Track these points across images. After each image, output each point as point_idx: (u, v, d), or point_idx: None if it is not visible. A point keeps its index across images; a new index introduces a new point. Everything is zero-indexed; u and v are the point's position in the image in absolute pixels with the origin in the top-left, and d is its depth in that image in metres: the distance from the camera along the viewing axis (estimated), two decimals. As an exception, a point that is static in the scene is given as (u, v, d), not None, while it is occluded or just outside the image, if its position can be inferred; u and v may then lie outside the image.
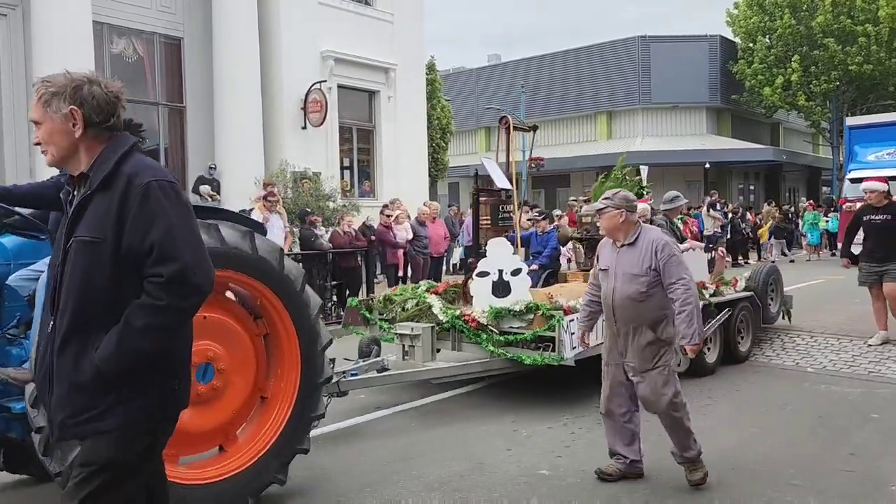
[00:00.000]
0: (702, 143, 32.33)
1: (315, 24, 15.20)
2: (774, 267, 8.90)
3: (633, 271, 4.23)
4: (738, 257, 19.83)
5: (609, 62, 33.87)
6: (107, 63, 12.91)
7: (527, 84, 32.88)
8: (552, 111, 35.69)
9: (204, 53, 14.02)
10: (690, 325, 4.10)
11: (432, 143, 22.36)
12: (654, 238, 4.27)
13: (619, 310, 4.29)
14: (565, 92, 34.99)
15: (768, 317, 8.45)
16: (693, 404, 6.05)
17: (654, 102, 33.33)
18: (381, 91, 17.02)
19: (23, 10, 11.78)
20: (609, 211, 4.32)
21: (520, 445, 5.16)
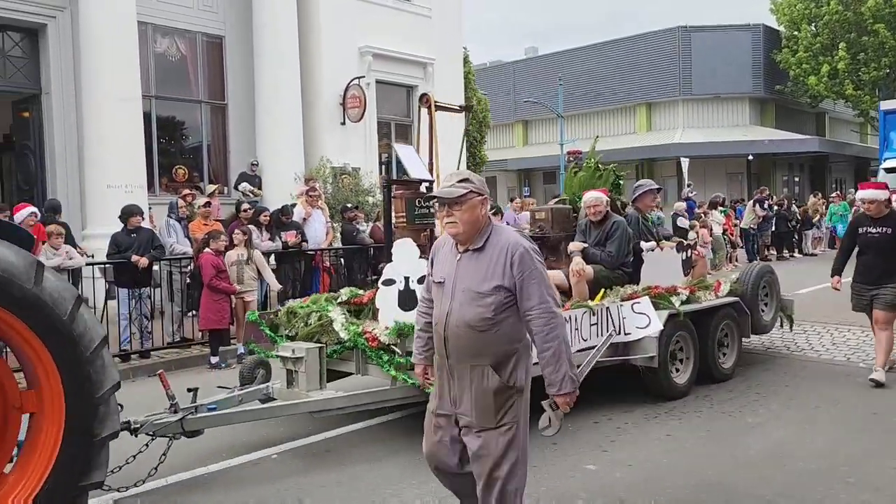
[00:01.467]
0: (744, 134, 31.69)
1: (353, 20, 15.27)
2: (768, 267, 7.62)
3: (478, 288, 2.98)
4: (783, 250, 19.41)
5: (649, 53, 33.39)
6: (151, 62, 13.16)
7: (564, 76, 32.60)
8: (590, 103, 35.35)
9: (245, 51, 14.19)
10: (558, 369, 2.94)
11: (469, 137, 22.30)
12: (510, 243, 2.99)
13: (454, 340, 3.02)
14: (604, 84, 34.60)
15: (760, 325, 7.23)
16: (742, 400, 5.99)
17: (696, 93, 32.77)
18: (418, 86, 17.00)
19: (71, 12, 12.06)
20: (471, 198, 3.00)
21: (565, 439, 5.12)
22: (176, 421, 4.44)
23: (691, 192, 18.82)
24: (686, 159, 23.24)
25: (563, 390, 2.98)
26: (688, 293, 6.37)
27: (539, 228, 7.07)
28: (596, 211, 6.41)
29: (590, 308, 5.61)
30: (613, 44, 34.84)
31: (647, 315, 5.80)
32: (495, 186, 36.84)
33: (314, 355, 5.19)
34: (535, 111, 35.07)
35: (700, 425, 5.42)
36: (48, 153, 12.31)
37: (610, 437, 5.19)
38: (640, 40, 33.94)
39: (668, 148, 30.56)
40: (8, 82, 12.35)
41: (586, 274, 6.14)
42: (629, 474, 4.49)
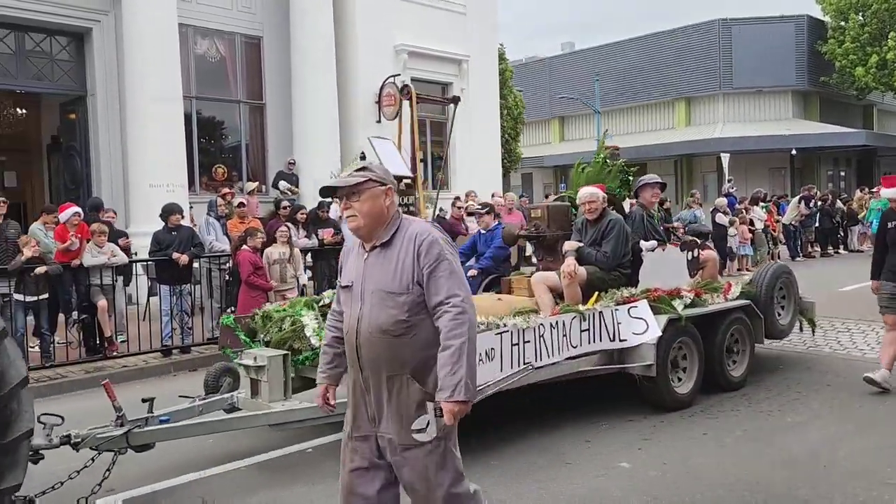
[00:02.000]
0: (787, 128, 30.98)
1: (389, 19, 15.35)
2: (784, 268, 7.08)
3: (388, 287, 2.65)
4: (827, 247, 18.95)
5: (688, 47, 32.85)
6: (191, 64, 13.43)
7: (601, 72, 32.29)
8: (628, 99, 34.93)
9: (282, 51, 14.38)
10: (454, 372, 2.52)
11: (505, 133, 22.26)
12: (418, 233, 2.68)
13: (367, 349, 2.67)
14: (642, 79, 34.15)
15: (776, 330, 6.74)
16: (781, 399, 5.88)
17: (736, 87, 32.14)
18: (453, 83, 17.04)
19: (115, 16, 12.37)
20: (370, 187, 2.69)
21: (599, 437, 5.10)
22: (120, 435, 4.15)
23: (731, 188, 18.49)
24: (727, 155, 22.86)
25: (455, 397, 2.51)
26: (692, 296, 5.93)
27: (535, 227, 6.67)
28: (591, 208, 6.04)
29: (580, 313, 5.27)
30: (651, 38, 34.37)
31: (645, 320, 5.43)
32: (531, 183, 36.67)
33: (277, 363, 4.85)
34: (572, 107, 34.78)
35: (737, 424, 5.34)
36: (93, 153, 12.66)
37: (644, 435, 5.15)
38: (678, 34, 33.41)
39: (708, 143, 30.06)
40: (55, 85, 12.74)
41: (578, 276, 5.77)
42: (664, 473, 4.44)
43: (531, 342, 4.89)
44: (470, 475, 4.41)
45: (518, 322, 4.86)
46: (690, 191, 21.04)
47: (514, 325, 4.82)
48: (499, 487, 4.27)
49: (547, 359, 5.02)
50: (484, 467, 4.58)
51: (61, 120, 13.66)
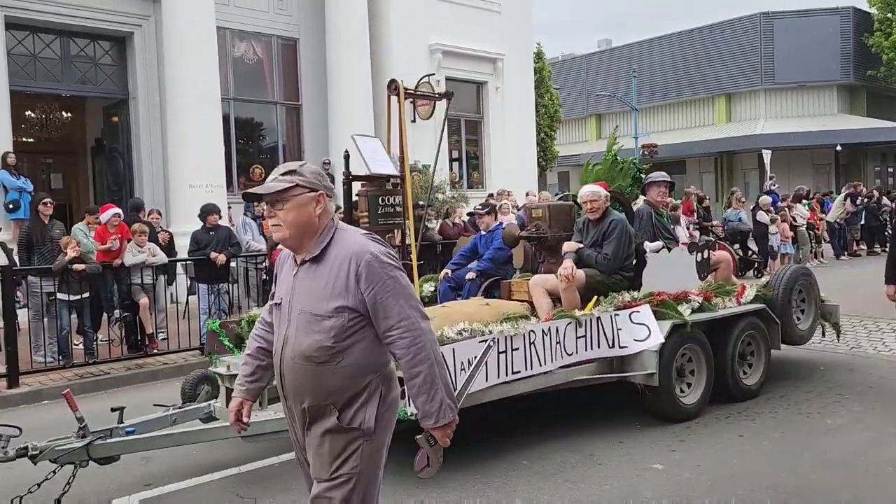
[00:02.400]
0: (832, 123, 30.21)
1: (423, 18, 15.40)
2: (803, 269, 6.72)
3: (315, 309, 2.35)
4: (873, 245, 18.42)
5: (728, 42, 32.25)
6: (230, 66, 13.65)
7: (639, 68, 31.88)
8: (666, 95, 34.45)
9: (318, 53, 14.53)
10: (433, 397, 2.33)
11: (541, 132, 22.15)
12: (354, 251, 2.34)
13: (290, 376, 2.42)
14: (681, 75, 33.65)
15: (794, 335, 6.36)
16: (822, 401, 5.74)
17: (779, 82, 31.44)
18: (488, 82, 17.03)
19: (155, 21, 12.64)
20: (297, 194, 2.38)
21: (632, 438, 5.04)
22: (80, 447, 3.96)
23: (773, 185, 18.10)
24: (768, 151, 22.38)
25: (442, 421, 2.35)
26: (701, 300, 5.59)
27: (535, 227, 6.33)
28: (592, 207, 5.76)
29: (575, 319, 4.98)
30: (690, 33, 33.83)
31: (647, 326, 5.16)
32: (568, 182, 36.41)
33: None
34: (609, 104, 34.44)
35: (775, 426, 5.23)
36: (135, 155, 12.95)
37: (679, 436, 5.07)
38: (718, 29, 32.82)
39: (750, 140, 29.49)
40: (99, 89, 13.08)
41: (577, 279, 5.48)
42: (698, 475, 4.37)
43: (520, 350, 4.64)
44: (498, 474, 4.45)
45: (505, 329, 4.60)
46: (731, 188, 20.67)
47: (501, 331, 4.57)
48: (528, 486, 4.25)
49: (539, 367, 4.75)
50: (513, 466, 4.57)
51: (105, 123, 14.02)
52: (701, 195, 15.96)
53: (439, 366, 2.37)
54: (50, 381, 7.40)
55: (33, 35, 12.10)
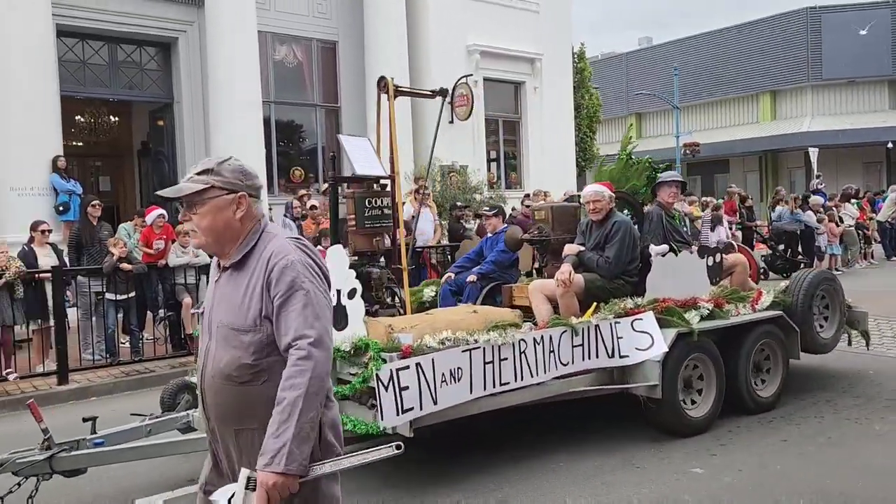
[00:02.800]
0: (883, 120, 29.30)
1: (461, 19, 15.42)
2: (826, 274, 6.32)
3: (233, 322, 2.10)
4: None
5: (773, 38, 31.54)
6: (270, 70, 13.85)
7: (681, 66, 31.37)
8: (709, 93, 33.85)
9: (356, 55, 14.66)
10: (279, 434, 1.94)
11: (580, 132, 21.98)
12: (272, 254, 2.09)
13: (211, 395, 2.16)
14: (723, 72, 33.02)
15: (816, 343, 5.96)
16: (870, 406, 5.60)
17: (826, 78, 30.62)
18: (526, 82, 16.97)
19: (199, 26, 12.90)
20: (213, 196, 2.12)
21: (671, 441, 4.96)
22: (42, 460, 3.78)
23: (820, 184, 17.66)
24: (815, 149, 21.83)
25: (273, 467, 1.90)
26: (711, 306, 5.29)
27: (538, 230, 6.04)
28: (595, 208, 5.49)
29: (571, 327, 4.73)
30: (734, 29, 33.19)
31: (650, 334, 4.88)
32: (608, 182, 36.03)
33: None
34: (650, 103, 33.97)
35: (820, 431, 5.10)
36: (179, 158, 13.24)
37: (720, 440, 4.98)
38: (763, 25, 32.13)
39: (796, 137, 28.80)
40: (145, 93, 13.41)
41: (575, 284, 5.21)
42: (739, 480, 4.29)
43: (509, 360, 4.41)
44: (534, 476, 4.43)
45: (493, 337, 4.38)
46: (775, 187, 20.23)
47: (488, 340, 4.36)
48: (564, 489, 4.23)
49: (530, 378, 4.51)
50: (549, 468, 4.55)
51: (150, 126, 14.37)
52: (744, 194, 15.66)
53: (308, 402, 1.95)
54: (97, 378, 7.62)
55: (83, 42, 12.46)
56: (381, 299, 5.43)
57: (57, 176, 10.67)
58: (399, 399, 3.96)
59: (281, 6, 13.93)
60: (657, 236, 5.78)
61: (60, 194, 10.66)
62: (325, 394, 2.05)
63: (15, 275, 7.44)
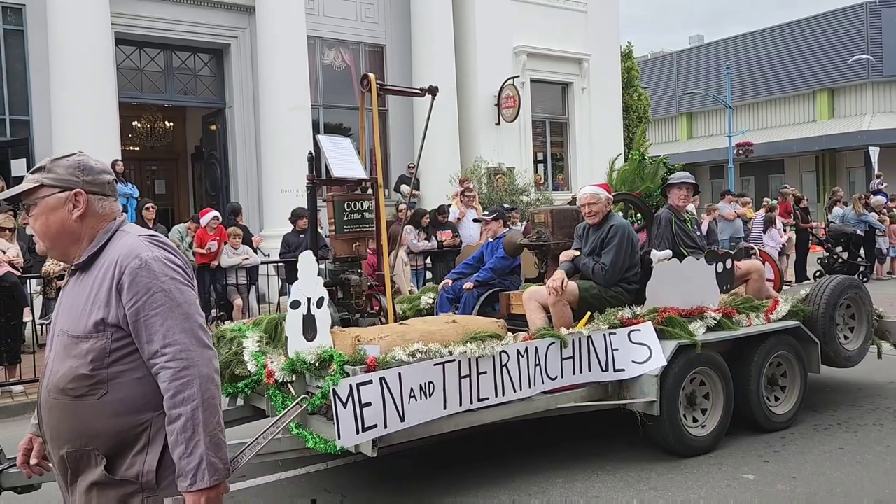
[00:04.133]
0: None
1: (508, 21, 15.39)
2: (851, 281, 5.80)
3: (73, 329, 1.89)
4: None
5: (831, 34, 30.60)
6: (319, 74, 14.06)
7: (733, 64, 30.70)
8: (762, 92, 33.02)
9: (403, 58, 14.77)
10: (192, 450, 1.80)
11: (628, 132, 21.70)
12: (122, 255, 1.88)
13: (46, 412, 1.94)
14: (778, 70, 32.17)
15: (839, 356, 5.52)
16: (930, 413, 5.36)
17: (888, 75, 29.54)
18: (574, 83, 16.84)
19: (250, 32, 13.18)
20: (45, 195, 1.93)
21: (721, 446, 4.86)
22: None
23: (881, 184, 17.05)
24: (875, 148, 21.13)
25: (200, 484, 1.78)
26: (719, 316, 4.93)
27: (537, 234, 5.77)
28: (590, 211, 5.18)
29: (559, 338, 4.43)
30: (789, 26, 32.32)
31: (649, 346, 4.56)
32: (657, 183, 35.48)
33: None
34: (701, 102, 33.33)
35: (879, 439, 4.92)
36: (231, 162, 13.54)
37: (773, 446, 4.86)
38: (820, 20, 31.21)
39: (855, 136, 27.88)
40: (198, 98, 13.76)
41: (568, 292, 4.88)
42: (793, 487, 4.17)
43: (488, 374, 4.13)
44: (581, 479, 4.39)
45: (470, 349, 4.09)
46: (833, 188, 19.62)
47: (464, 353, 4.06)
48: (613, 493, 4.18)
49: (513, 393, 4.22)
50: (597, 471, 4.50)
51: (203, 131, 14.74)
52: (799, 195, 15.22)
53: (208, 410, 1.81)
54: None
55: (140, 50, 12.86)
56: (361, 307, 5.17)
57: (115, 180, 11.02)
58: (359, 416, 3.67)
59: (329, 11, 14.13)
60: (665, 241, 5.51)
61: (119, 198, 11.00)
62: (219, 392, 1.88)
63: (75, 275, 7.70)
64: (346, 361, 3.82)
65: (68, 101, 10.65)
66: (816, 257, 14.06)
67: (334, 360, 3.82)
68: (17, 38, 11.52)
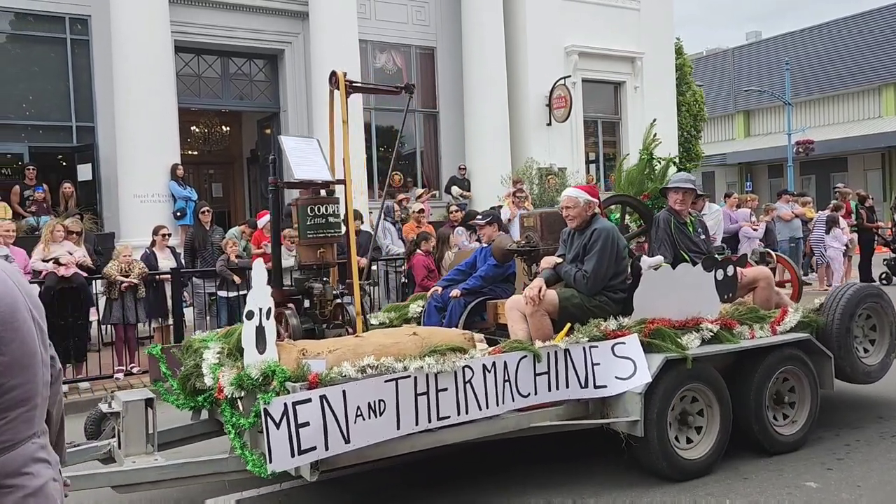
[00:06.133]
0: None
1: (559, 20, 15.29)
2: (871, 289, 5.35)
3: None
4: None
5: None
6: (371, 77, 14.20)
7: (792, 60, 29.82)
8: (823, 88, 31.99)
9: (454, 60, 14.81)
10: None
11: (683, 131, 21.28)
12: None
13: None
14: (840, 65, 31.11)
15: (856, 371, 5.10)
16: None
17: (959, 68, 28.31)
18: (626, 82, 16.63)
19: (303, 38, 13.43)
20: None
21: (782, 454, 4.72)
22: None
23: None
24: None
25: None
26: (717, 328, 4.52)
27: (526, 239, 5.45)
28: (569, 215, 4.84)
29: (532, 352, 4.09)
30: (853, 19, 31.22)
31: (633, 360, 4.21)
32: (713, 182, 34.73)
33: (136, 410, 4.05)
34: (758, 100, 32.49)
35: None
36: (285, 165, 13.75)
37: (837, 454, 4.70)
38: (886, 12, 30.05)
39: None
40: (254, 103, 14.08)
41: (547, 301, 4.55)
42: (858, 497, 4.03)
43: (450, 390, 3.80)
44: (638, 484, 4.32)
45: (427, 364, 3.77)
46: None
47: (420, 368, 3.75)
48: (669, 498, 4.11)
49: (478, 412, 3.89)
50: (653, 477, 4.42)
51: (258, 135, 15.06)
52: (864, 194, 14.68)
53: None
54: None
55: (198, 57, 13.23)
56: (327, 317, 4.89)
57: (175, 183, 11.36)
58: (295, 437, 3.39)
59: (381, 15, 14.28)
60: (664, 244, 5.19)
61: (178, 200, 11.33)
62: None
63: (138, 276, 7.97)
64: (287, 377, 3.55)
65: (131, 107, 11.03)
66: (882, 259, 13.54)
67: (276, 376, 3.55)
68: (82, 48, 12.00)
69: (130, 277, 7.89)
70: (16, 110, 11.74)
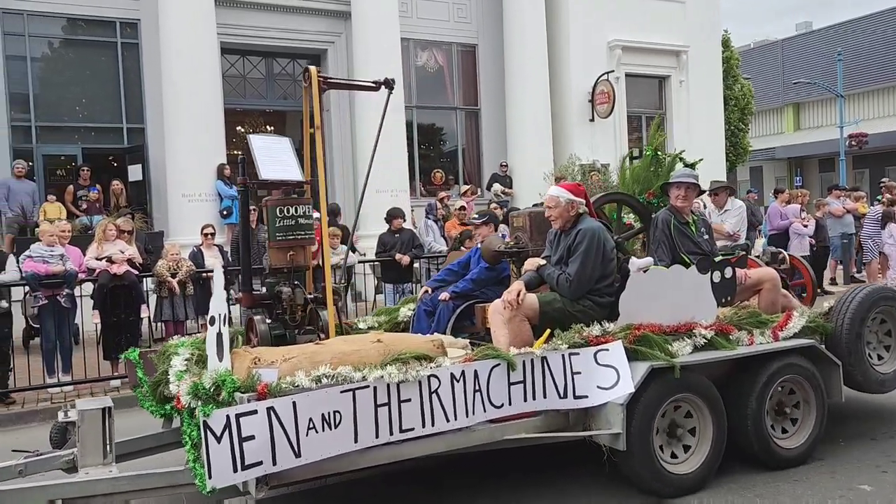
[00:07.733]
0: None
1: (601, 15, 15.13)
2: (885, 291, 4.99)
3: None
4: None
5: (956, 13, 28.33)
6: (412, 75, 14.27)
7: (845, 51, 28.93)
8: (878, 79, 30.93)
9: (496, 57, 14.78)
10: None
11: (730, 125, 20.85)
12: None
13: None
14: (895, 55, 30.05)
15: (868, 380, 4.79)
16: None
17: None
18: (671, 76, 16.36)
19: (346, 37, 13.55)
20: None
21: (835, 455, 4.61)
22: None
23: None
24: None
25: None
26: (711, 334, 4.22)
27: (515, 239, 5.24)
28: (549, 216, 4.63)
29: (506, 359, 3.82)
30: (908, 7, 30.15)
31: (616, 369, 3.96)
32: (761, 176, 33.95)
33: (93, 419, 3.87)
34: (809, 92, 31.61)
35: None
36: (329, 163, 13.92)
37: (891, 456, 4.56)
38: (944, 0, 28.94)
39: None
40: (298, 103, 14.15)
41: (526, 305, 4.34)
42: (915, 501, 3.91)
43: (413, 401, 3.58)
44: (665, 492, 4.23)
45: (388, 373, 3.55)
46: (959, 180, 18.15)
47: (380, 377, 3.53)
48: (712, 499, 4.04)
49: (446, 424, 3.65)
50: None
51: (302, 134, 15.21)
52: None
53: None
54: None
55: (243, 58, 13.46)
56: (297, 322, 4.73)
57: (221, 183, 11.59)
58: (238, 452, 3.20)
59: (422, 13, 14.32)
60: (663, 246, 4.95)
61: (224, 199, 11.56)
62: None
63: (185, 274, 8.16)
64: (237, 388, 3.36)
65: (179, 109, 11.28)
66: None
67: (225, 386, 3.37)
68: (132, 51, 12.33)
69: (178, 275, 8.07)
70: (69, 113, 12.13)
